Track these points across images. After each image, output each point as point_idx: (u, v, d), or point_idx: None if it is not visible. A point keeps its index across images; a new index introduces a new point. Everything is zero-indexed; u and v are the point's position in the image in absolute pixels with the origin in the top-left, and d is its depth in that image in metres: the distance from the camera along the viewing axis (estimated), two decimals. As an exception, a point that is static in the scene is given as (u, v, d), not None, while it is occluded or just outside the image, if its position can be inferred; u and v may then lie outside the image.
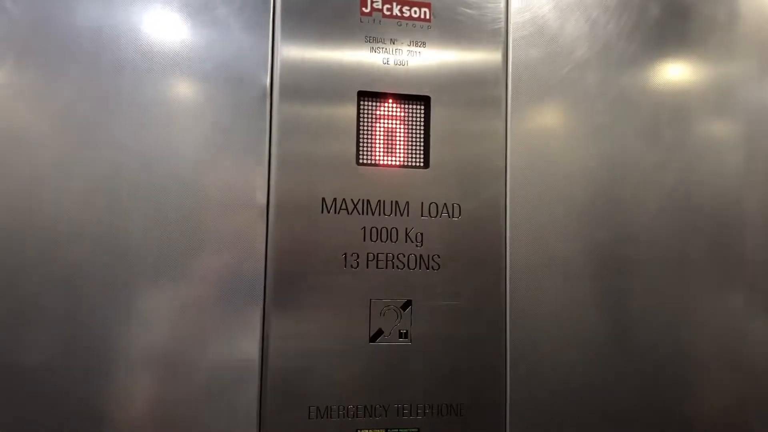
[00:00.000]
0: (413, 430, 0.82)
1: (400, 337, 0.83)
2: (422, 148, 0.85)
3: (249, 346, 0.79)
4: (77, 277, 0.76)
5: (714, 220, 0.93)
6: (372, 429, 0.81)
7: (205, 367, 0.78)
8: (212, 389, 0.78)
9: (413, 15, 0.86)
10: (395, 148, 0.85)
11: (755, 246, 0.95)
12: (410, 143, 0.85)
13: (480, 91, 0.87)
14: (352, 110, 0.83)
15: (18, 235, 0.75)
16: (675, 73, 0.96)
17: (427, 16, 0.86)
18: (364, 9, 0.85)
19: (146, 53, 0.80)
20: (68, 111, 0.77)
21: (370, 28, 0.85)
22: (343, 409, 0.81)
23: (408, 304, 0.83)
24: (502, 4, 0.89)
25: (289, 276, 0.81)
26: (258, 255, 0.80)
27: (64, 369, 0.75)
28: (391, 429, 0.82)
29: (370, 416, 0.81)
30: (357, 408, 0.81)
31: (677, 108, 0.94)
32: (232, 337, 0.79)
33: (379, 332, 0.82)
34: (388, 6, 0.85)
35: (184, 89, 0.81)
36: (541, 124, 0.91)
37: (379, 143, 0.84)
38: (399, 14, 0.86)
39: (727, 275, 0.94)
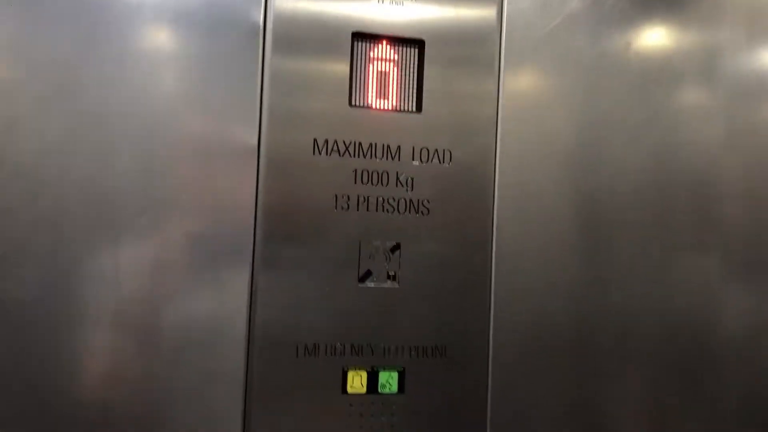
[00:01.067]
0: (399, 369, 0.84)
1: (388, 279, 0.84)
2: (416, 92, 0.86)
3: (238, 286, 0.80)
4: (60, 219, 0.75)
5: (694, 180, 0.95)
6: (358, 367, 0.83)
7: (193, 310, 0.79)
8: (200, 333, 0.79)
9: (410, -43, 0.85)
10: (388, 92, 0.85)
11: (733, 207, 0.97)
12: (403, 87, 0.85)
13: (474, 40, 0.87)
14: (346, 52, 0.83)
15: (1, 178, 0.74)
16: (663, 33, 0.97)
17: (424, -40, 0.86)
18: (361, -53, 0.84)
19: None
20: (52, 57, 0.75)
21: (366, -31, 0.84)
22: (331, 347, 0.82)
23: (397, 247, 0.84)
24: (499, -48, 0.89)
25: (281, 217, 0.81)
26: (249, 198, 0.80)
27: (45, 309, 0.75)
28: (377, 368, 0.83)
29: (357, 355, 0.83)
30: (344, 347, 0.82)
31: (663, 69, 0.95)
32: (220, 279, 0.80)
33: (368, 273, 0.83)
34: (385, -53, 0.85)
35: (172, 32, 0.79)
36: (533, 77, 0.91)
37: (372, 86, 0.84)
38: (396, -44, 0.85)
39: (704, 234, 0.96)
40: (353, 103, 0.84)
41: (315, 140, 0.82)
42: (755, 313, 0.97)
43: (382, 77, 0.85)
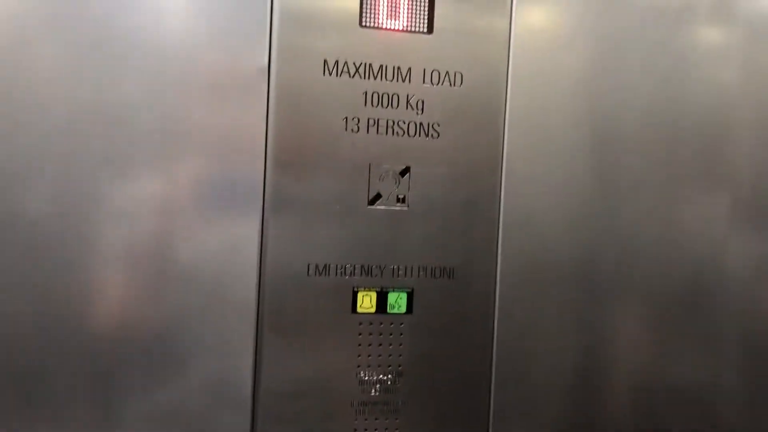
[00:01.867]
0: (407, 290, 0.85)
1: (397, 202, 0.84)
2: (427, 12, 0.84)
3: (251, 212, 0.81)
4: (71, 139, 0.75)
5: (702, 114, 0.94)
6: (368, 288, 0.84)
7: (207, 236, 0.80)
8: (213, 260, 0.80)
9: None
10: (399, 11, 0.83)
11: (741, 146, 0.96)
12: (414, 7, 0.83)
13: (488, -43, 0.85)
14: (357, -30, 0.81)
15: (9, 94, 0.74)
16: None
17: None
18: None
19: None
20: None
21: None
22: (341, 268, 0.83)
23: (407, 170, 0.84)
24: None
25: (291, 139, 0.81)
26: (260, 121, 0.80)
27: (57, 228, 0.76)
28: (386, 288, 0.85)
29: (367, 275, 0.84)
30: (354, 267, 0.84)
31: (675, 4, 0.92)
32: (233, 206, 0.80)
33: (378, 196, 0.84)
34: None
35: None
36: (545, 3, 0.89)
37: (383, 5, 0.82)
38: None
39: (710, 169, 0.95)
40: (363, 23, 0.82)
41: (325, 61, 0.81)
42: (757, 253, 0.98)
43: (393, -4, 0.83)
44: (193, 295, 0.79)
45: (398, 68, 0.83)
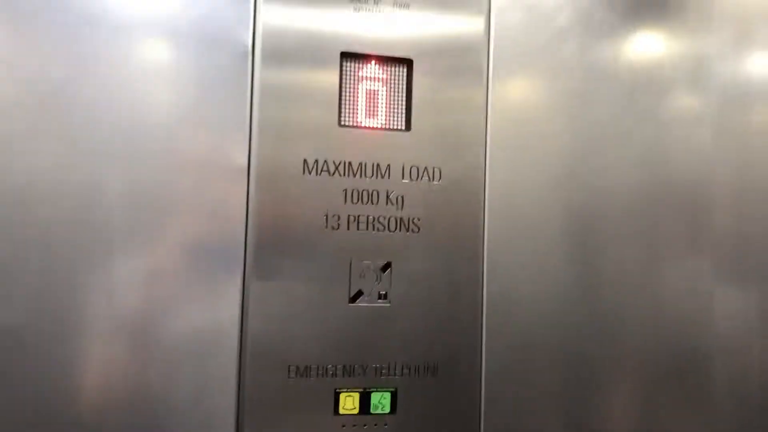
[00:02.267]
0: (391, 389, 0.83)
1: (379, 299, 0.83)
2: (404, 110, 0.85)
3: (229, 308, 0.79)
4: (50, 239, 0.75)
5: (684, 187, 0.96)
6: (350, 389, 0.82)
7: (184, 331, 0.78)
8: (191, 353, 0.78)
9: (397, -24, 0.85)
10: (377, 111, 0.85)
11: (722, 214, 0.97)
12: (392, 106, 0.85)
13: (462, 55, 0.87)
14: (334, 71, 0.83)
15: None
16: (652, 44, 0.97)
17: (411, -22, 0.86)
18: (348, -33, 0.84)
19: (124, 13, 0.77)
20: (43, 73, 0.75)
21: (354, -13, 0.84)
22: (322, 369, 0.82)
23: (388, 266, 0.84)
24: (486, -31, 0.89)
25: (271, 237, 0.81)
26: (239, 216, 0.80)
27: (34, 331, 0.74)
28: (368, 389, 0.83)
29: (349, 376, 0.82)
30: (336, 368, 0.82)
31: (653, 78, 0.95)
32: (211, 300, 0.79)
33: (359, 293, 0.83)
34: (372, -34, 0.84)
35: (163, 50, 0.79)
36: (521, 91, 0.91)
37: (362, 105, 0.84)
38: (383, -26, 0.85)
39: (694, 240, 0.96)
40: (342, 122, 0.83)
41: (305, 160, 0.82)
42: (744, 319, 0.98)
43: (371, 96, 0.85)
44: (174, 382, 0.77)
45: (377, 165, 0.84)
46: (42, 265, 0.75)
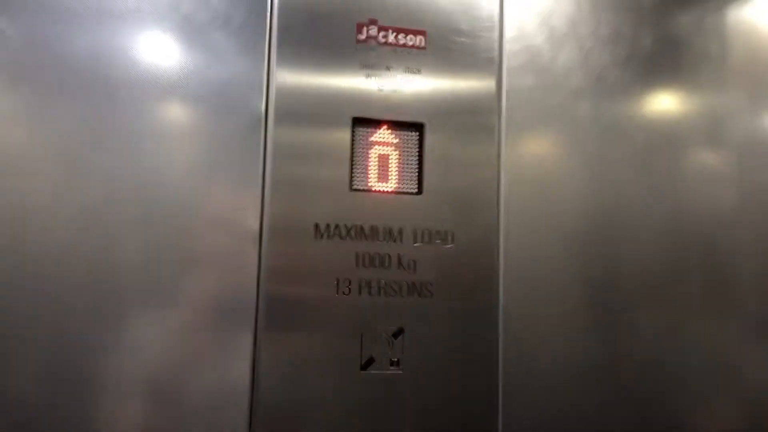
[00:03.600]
0: (404, 460, 0.81)
1: (391, 366, 0.82)
2: (416, 174, 0.85)
3: (240, 372, 0.78)
4: (66, 305, 0.75)
5: (705, 249, 0.94)
6: (362, 459, 0.80)
7: (195, 394, 0.77)
8: (202, 416, 0.77)
9: (408, 43, 0.86)
10: (389, 174, 0.85)
11: (747, 276, 0.95)
12: (404, 169, 0.85)
13: (474, 118, 0.88)
14: (346, 136, 0.83)
15: (6, 263, 0.74)
16: (667, 103, 0.97)
17: (423, 44, 0.87)
18: (359, 36, 0.85)
19: (141, 78, 0.79)
20: (62, 136, 0.77)
21: (366, 54, 0.85)
22: (333, 438, 0.79)
23: (400, 332, 0.82)
24: (496, 34, 0.90)
25: (281, 301, 0.80)
26: (250, 280, 0.79)
27: (51, 397, 0.74)
28: (381, 459, 0.80)
29: (361, 447, 0.80)
30: (347, 437, 0.80)
31: (669, 137, 0.95)
32: (222, 364, 0.78)
33: (371, 360, 0.81)
34: (384, 33, 0.86)
35: (178, 113, 0.81)
36: (534, 153, 0.91)
37: (373, 169, 0.84)
38: (394, 41, 0.86)
39: (719, 304, 0.93)
40: (354, 186, 0.83)
41: (316, 225, 0.82)
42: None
43: (383, 160, 0.85)
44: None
45: (389, 229, 0.84)
46: (55, 332, 0.75)
